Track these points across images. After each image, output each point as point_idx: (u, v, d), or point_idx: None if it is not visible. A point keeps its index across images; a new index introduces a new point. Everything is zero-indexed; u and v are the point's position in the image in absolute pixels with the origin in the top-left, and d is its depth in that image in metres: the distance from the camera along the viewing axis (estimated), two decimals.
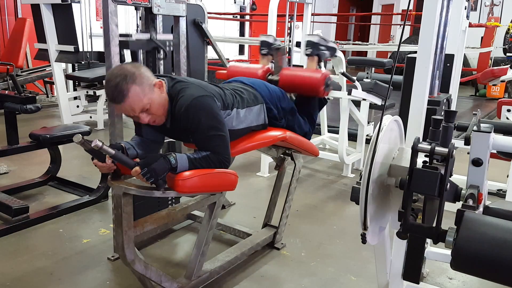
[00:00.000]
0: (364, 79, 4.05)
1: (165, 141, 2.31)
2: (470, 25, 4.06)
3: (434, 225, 1.29)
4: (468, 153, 1.49)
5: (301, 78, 2.30)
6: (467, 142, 1.47)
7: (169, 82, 1.87)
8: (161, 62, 2.77)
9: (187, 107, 1.78)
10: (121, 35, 2.27)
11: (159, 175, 1.65)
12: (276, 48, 2.55)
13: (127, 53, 6.56)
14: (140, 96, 1.71)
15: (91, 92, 5.48)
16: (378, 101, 3.89)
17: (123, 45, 2.36)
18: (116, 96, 1.69)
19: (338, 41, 5.07)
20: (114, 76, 1.70)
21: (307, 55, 2.53)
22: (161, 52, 2.66)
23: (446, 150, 1.29)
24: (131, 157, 1.80)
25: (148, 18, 2.53)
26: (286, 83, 2.38)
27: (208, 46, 3.46)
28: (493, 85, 7.60)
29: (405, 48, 7.43)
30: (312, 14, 4.60)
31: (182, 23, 2.59)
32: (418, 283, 1.61)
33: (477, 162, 1.46)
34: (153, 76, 1.80)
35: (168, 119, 1.86)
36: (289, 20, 3.95)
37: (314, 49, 2.48)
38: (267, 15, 3.66)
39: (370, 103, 3.93)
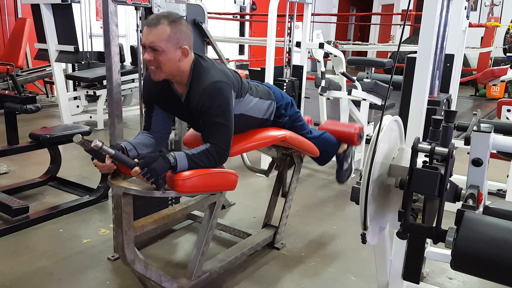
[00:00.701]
0: (364, 79, 4.04)
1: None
2: (470, 25, 4.06)
3: (434, 225, 1.29)
4: (468, 153, 1.49)
5: (340, 132, 2.60)
6: (467, 142, 1.47)
7: (197, 58, 1.91)
8: None
9: (205, 88, 1.82)
10: None
11: (159, 175, 1.66)
12: None
13: (127, 53, 6.57)
14: (162, 36, 1.76)
15: (91, 92, 5.48)
16: (378, 101, 3.89)
17: None
18: (151, 20, 1.78)
19: (338, 41, 5.06)
20: (168, 12, 1.85)
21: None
22: None
23: (446, 150, 1.30)
24: (132, 158, 1.80)
25: None
26: None
27: (208, 46, 3.46)
28: (493, 85, 7.60)
29: (405, 48, 7.43)
30: (312, 14, 4.60)
31: None
32: (418, 283, 1.61)
33: (477, 162, 1.46)
34: (190, 44, 1.85)
35: (185, 92, 1.90)
36: (289, 20, 3.95)
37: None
38: (267, 15, 3.66)
39: (370, 103, 3.93)
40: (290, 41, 3.99)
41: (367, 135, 4.15)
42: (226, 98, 1.85)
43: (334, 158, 2.67)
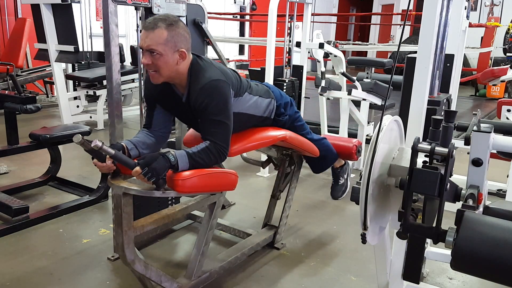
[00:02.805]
0: (364, 79, 4.04)
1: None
2: (470, 25, 4.06)
3: (434, 225, 1.29)
4: (468, 153, 1.49)
5: (338, 146, 2.57)
6: (467, 142, 1.47)
7: (194, 58, 1.91)
8: None
9: (203, 87, 1.83)
10: None
11: (160, 174, 1.65)
12: None
13: (127, 53, 6.57)
14: (159, 40, 1.76)
15: (91, 92, 5.48)
16: (378, 101, 3.89)
17: None
18: (148, 24, 1.79)
19: (338, 41, 5.06)
20: (165, 15, 1.85)
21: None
22: None
23: (446, 150, 1.30)
24: (133, 157, 1.80)
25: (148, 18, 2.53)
26: None
27: (208, 46, 3.46)
28: (493, 85, 7.60)
29: (405, 48, 7.43)
30: (312, 14, 4.60)
31: None
32: (418, 283, 1.61)
33: (477, 162, 1.46)
34: (188, 47, 1.86)
35: (185, 92, 1.91)
36: (289, 20, 3.95)
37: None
38: (267, 15, 3.65)
39: (370, 103, 3.93)
40: (290, 41, 3.99)
41: (367, 135, 4.15)
42: (224, 96, 1.86)
43: (329, 171, 2.68)
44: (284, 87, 3.74)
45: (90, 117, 5.56)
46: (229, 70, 2.00)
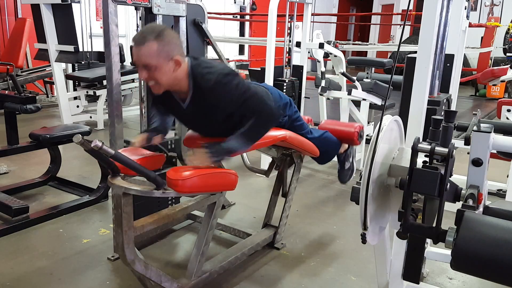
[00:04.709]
0: (364, 79, 4.05)
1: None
2: (470, 25, 4.06)
3: (434, 225, 1.29)
4: (468, 153, 1.49)
5: (339, 131, 2.57)
6: (467, 142, 1.47)
7: (192, 61, 1.91)
8: None
9: (217, 81, 1.84)
10: None
11: (221, 154, 1.87)
12: None
13: (127, 53, 6.57)
14: (151, 53, 1.76)
15: (91, 92, 5.48)
16: (378, 101, 3.89)
17: None
18: (137, 39, 1.80)
19: (338, 41, 5.06)
20: (151, 27, 1.88)
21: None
22: None
23: (446, 150, 1.30)
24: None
25: (148, 18, 2.53)
26: None
27: (208, 46, 3.46)
28: (493, 85, 7.60)
29: (405, 48, 7.43)
30: (312, 14, 4.60)
31: (182, 23, 2.59)
32: (418, 283, 1.61)
33: (477, 162, 1.46)
34: (181, 52, 1.86)
35: (189, 97, 1.91)
36: (289, 20, 3.95)
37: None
38: (267, 15, 3.66)
39: (370, 103, 3.93)
40: (290, 41, 3.99)
41: (367, 135, 4.15)
42: (237, 77, 1.90)
43: (335, 159, 2.67)
44: (284, 87, 3.74)
45: (90, 117, 5.56)
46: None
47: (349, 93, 3.78)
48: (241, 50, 11.84)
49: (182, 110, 1.97)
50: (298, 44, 4.00)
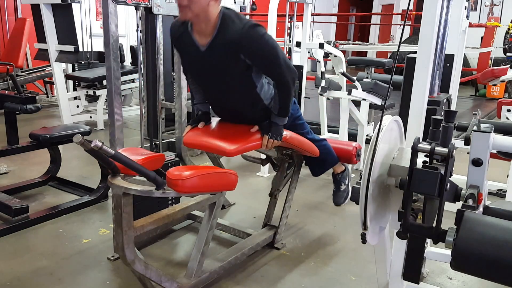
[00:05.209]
0: (364, 79, 4.04)
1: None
2: (470, 25, 4.06)
3: (434, 225, 1.29)
4: (468, 153, 1.49)
5: (337, 149, 2.59)
6: (467, 142, 1.47)
7: (225, 8, 1.95)
8: (161, 57, 2.78)
9: (249, 26, 1.88)
10: None
11: (281, 133, 2.09)
12: None
13: (127, 53, 6.58)
14: None
15: (91, 92, 5.48)
16: (378, 101, 3.89)
17: None
18: None
19: (338, 41, 5.06)
20: None
21: None
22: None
23: (446, 150, 1.30)
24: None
25: (148, 18, 2.53)
26: None
27: None
28: (493, 85, 7.60)
29: (405, 48, 7.44)
30: (312, 14, 4.60)
31: None
32: (418, 283, 1.61)
33: (477, 162, 1.46)
34: None
35: (209, 41, 1.94)
36: (289, 20, 3.95)
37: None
38: (267, 15, 3.66)
39: (370, 103, 3.93)
40: (290, 41, 3.99)
41: (367, 135, 4.15)
42: (264, 30, 1.94)
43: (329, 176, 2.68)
44: None
45: (90, 117, 5.56)
46: None
47: (349, 93, 3.78)
48: None
49: (198, 55, 1.99)
50: (298, 44, 3.99)
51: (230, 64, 1.95)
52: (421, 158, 1.33)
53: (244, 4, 12.05)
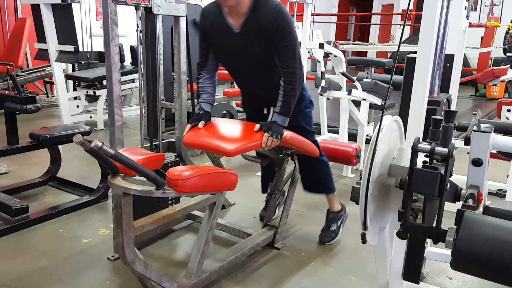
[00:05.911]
0: (364, 79, 4.04)
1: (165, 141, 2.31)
2: (470, 25, 4.06)
3: (434, 225, 1.29)
4: (468, 153, 1.49)
5: (337, 150, 2.65)
6: (467, 142, 1.47)
7: None
8: (161, 57, 2.77)
9: (279, 9, 2.07)
10: None
11: (281, 133, 2.11)
12: None
13: (127, 53, 6.58)
14: None
15: (91, 92, 5.48)
16: (378, 101, 3.89)
17: None
18: None
19: (338, 41, 5.06)
20: None
21: None
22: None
23: (446, 150, 1.30)
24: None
25: (148, 18, 2.53)
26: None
27: None
28: (493, 85, 7.60)
29: (405, 48, 7.44)
30: (312, 14, 4.60)
31: (182, 23, 2.59)
32: (418, 283, 1.61)
33: (477, 162, 1.46)
34: None
35: (242, 22, 2.11)
36: None
37: None
38: None
39: (370, 103, 3.93)
40: None
41: (367, 135, 4.15)
42: (290, 17, 2.13)
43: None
44: None
45: (90, 117, 5.56)
46: None
47: (349, 93, 3.78)
48: None
49: (232, 36, 2.14)
50: None
51: (261, 42, 2.11)
52: (421, 158, 1.33)
53: None
